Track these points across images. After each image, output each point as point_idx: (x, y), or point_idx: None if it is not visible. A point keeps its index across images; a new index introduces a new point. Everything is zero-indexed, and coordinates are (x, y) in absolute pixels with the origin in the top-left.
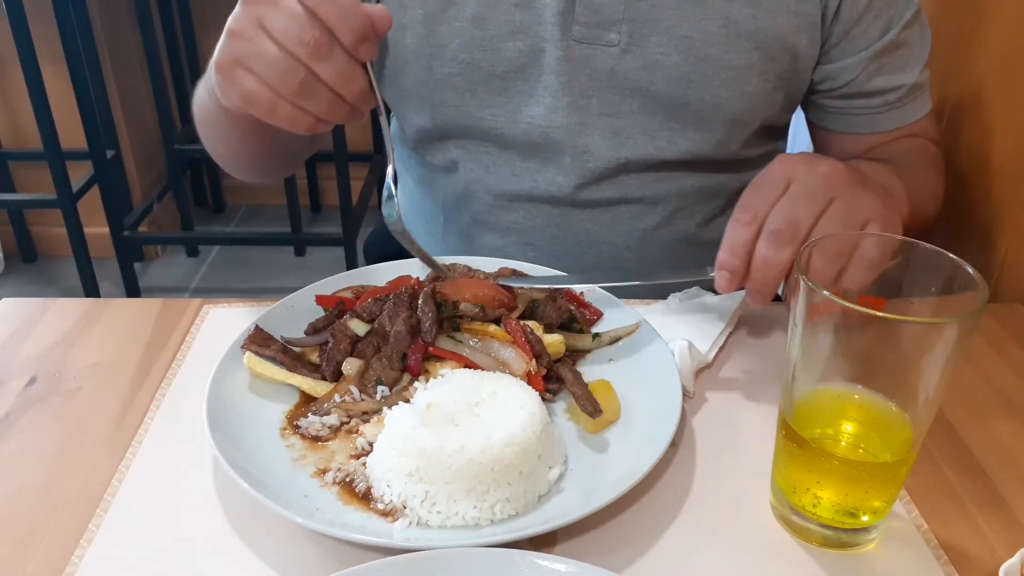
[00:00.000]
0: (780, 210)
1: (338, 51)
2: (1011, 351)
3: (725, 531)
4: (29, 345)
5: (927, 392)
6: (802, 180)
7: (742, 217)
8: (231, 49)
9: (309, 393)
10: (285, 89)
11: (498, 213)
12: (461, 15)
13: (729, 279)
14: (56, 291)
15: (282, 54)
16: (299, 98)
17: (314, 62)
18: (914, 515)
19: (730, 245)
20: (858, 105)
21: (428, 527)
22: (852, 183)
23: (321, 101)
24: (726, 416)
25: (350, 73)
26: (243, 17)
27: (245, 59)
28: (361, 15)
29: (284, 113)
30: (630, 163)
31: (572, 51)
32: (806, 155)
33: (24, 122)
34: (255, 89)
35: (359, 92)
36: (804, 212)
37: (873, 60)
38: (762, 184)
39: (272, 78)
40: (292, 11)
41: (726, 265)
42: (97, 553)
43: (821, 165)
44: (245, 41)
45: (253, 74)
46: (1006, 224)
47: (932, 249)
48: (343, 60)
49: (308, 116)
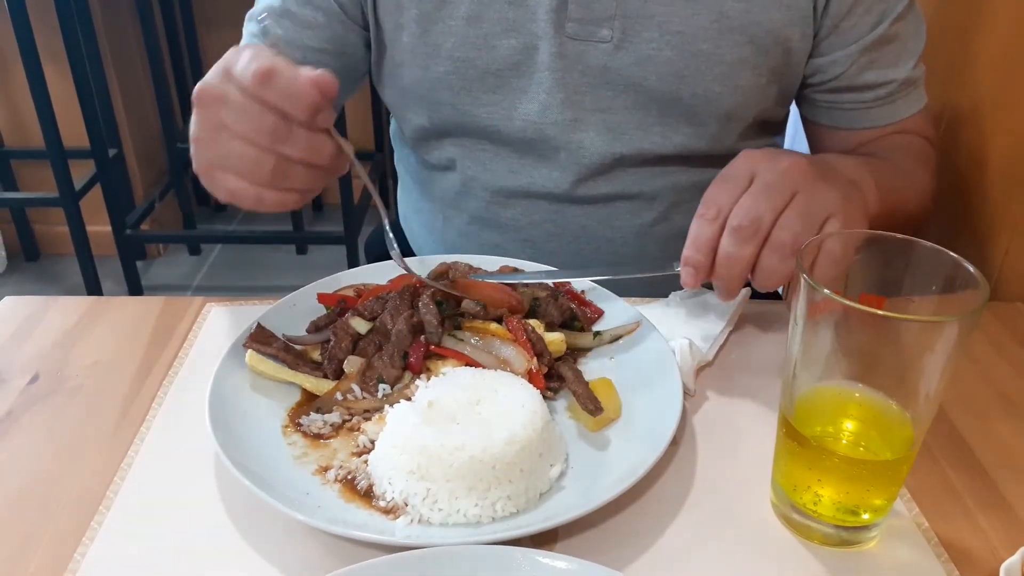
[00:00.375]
0: (742, 206)
1: (296, 128)
2: (1012, 349)
3: (726, 529)
4: (31, 343)
5: (928, 390)
6: (764, 175)
7: (706, 213)
8: (201, 156)
9: (311, 391)
10: (262, 179)
11: (496, 210)
12: (455, 14)
13: (693, 275)
14: (58, 289)
15: (247, 148)
16: (278, 182)
17: (278, 146)
18: (915, 513)
19: (694, 241)
20: (848, 99)
21: (430, 525)
22: (814, 177)
23: (299, 178)
24: (727, 414)
25: (316, 144)
26: (201, 122)
27: (217, 161)
28: (306, 91)
29: (270, 199)
30: (625, 158)
31: (565, 48)
32: (769, 150)
33: (26, 120)
34: (236, 187)
35: (331, 156)
36: (766, 207)
37: (863, 54)
38: (725, 179)
39: (247, 173)
40: (241, 105)
41: (690, 261)
42: (100, 551)
43: (783, 160)
44: (211, 144)
45: (229, 173)
46: (1006, 222)
47: (933, 248)
48: (304, 135)
49: (293, 194)
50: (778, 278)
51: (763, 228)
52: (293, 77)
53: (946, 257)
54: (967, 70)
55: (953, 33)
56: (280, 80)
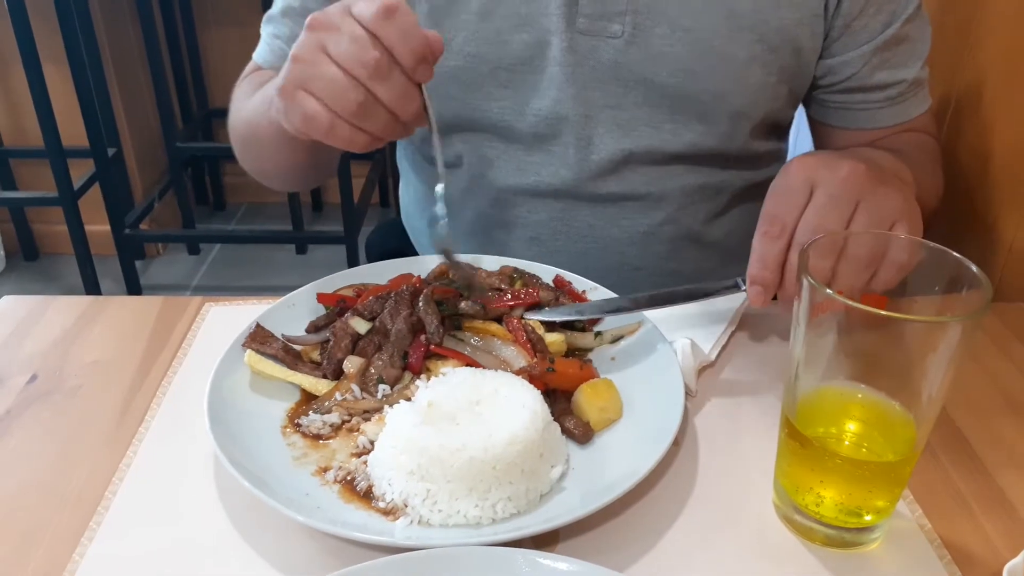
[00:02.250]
0: (809, 222)
1: (397, 72)
2: (1015, 350)
3: (728, 530)
4: (30, 343)
5: (931, 391)
6: (825, 185)
7: (771, 231)
8: (293, 73)
9: (310, 391)
10: (344, 110)
11: (502, 208)
12: (467, 8)
13: (762, 293)
14: (57, 289)
15: (342, 75)
16: (357, 118)
17: (374, 83)
18: (917, 514)
19: (761, 259)
20: (859, 100)
21: (429, 526)
22: (874, 182)
23: (378, 121)
24: (729, 415)
25: (408, 94)
26: (306, 42)
27: (306, 82)
28: (420, 37)
29: (342, 133)
30: (634, 155)
31: (576, 43)
32: (823, 155)
33: (26, 120)
34: (315, 110)
35: (415, 112)
36: (833, 220)
37: (875, 54)
38: (785, 192)
39: (332, 99)
40: (354, 34)
41: (758, 280)
42: (98, 551)
43: (841, 167)
44: (307, 65)
45: (314, 96)
46: (1009, 222)
47: (936, 248)
48: (401, 81)
49: (364, 135)
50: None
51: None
52: (415, 22)
53: (949, 257)
54: (969, 71)
55: (955, 33)
56: (401, 19)
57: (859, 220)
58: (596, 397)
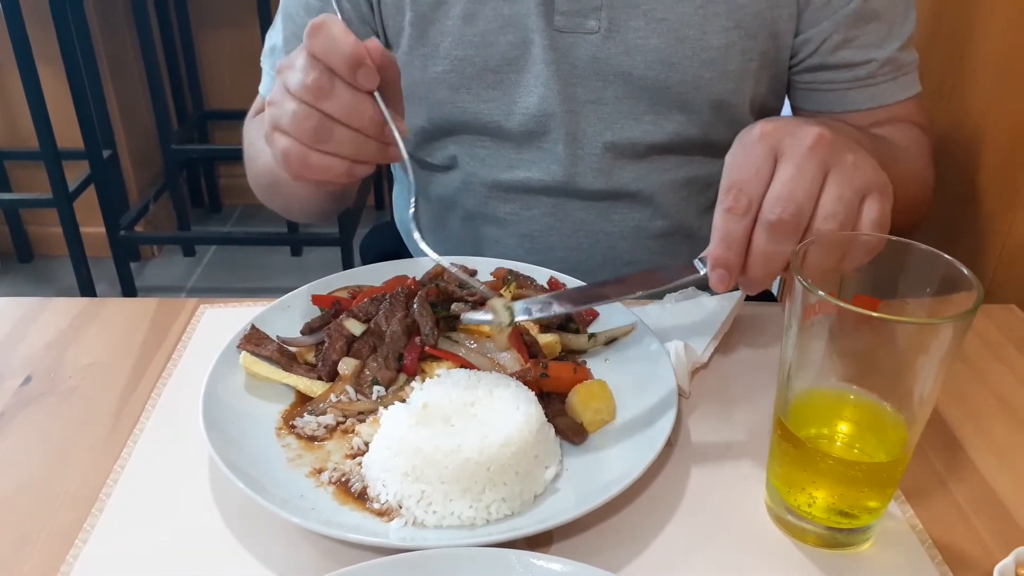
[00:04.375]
0: (779, 196)
1: (340, 86)
2: (1005, 351)
3: (720, 531)
4: (25, 344)
5: (922, 392)
6: (791, 155)
7: (736, 206)
8: (268, 118)
9: (305, 393)
10: (305, 137)
11: (494, 205)
12: (452, 13)
13: (727, 277)
14: (52, 291)
15: (296, 105)
16: (320, 143)
17: (320, 102)
18: (909, 515)
19: (725, 238)
20: (825, 80)
21: (424, 527)
22: (842, 149)
23: (343, 142)
24: (721, 416)
25: (357, 105)
26: (275, 86)
27: (277, 122)
28: (349, 42)
29: (315, 162)
30: (617, 147)
31: (556, 41)
32: (785, 121)
33: (20, 121)
34: (286, 146)
35: (371, 123)
36: (803, 195)
37: (837, 30)
38: (747, 162)
39: (294, 130)
40: (300, 64)
41: (721, 262)
42: (92, 553)
43: (806, 134)
44: (275, 106)
45: (284, 133)
46: (1001, 224)
47: (927, 249)
48: (347, 93)
49: (339, 160)
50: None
51: (805, 220)
52: (341, 30)
53: (940, 259)
54: (963, 74)
55: (948, 37)
56: (326, 31)
57: (831, 191)
58: (590, 398)
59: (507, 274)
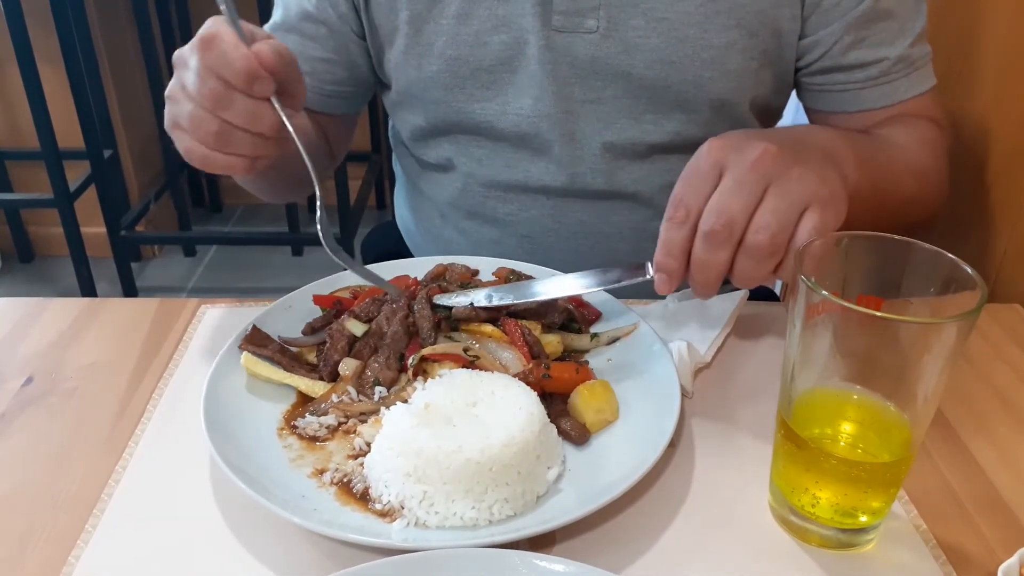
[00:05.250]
0: (713, 208)
1: (237, 96)
2: (1009, 351)
3: (723, 531)
4: (26, 345)
5: (926, 392)
6: (733, 169)
7: (676, 216)
8: (168, 112)
9: (306, 393)
10: (206, 140)
11: (493, 205)
12: (446, 12)
13: (667, 281)
14: (53, 291)
15: (196, 109)
16: (221, 145)
17: (219, 111)
18: (913, 515)
19: (665, 245)
20: (839, 81)
21: (426, 527)
22: (787, 163)
23: (243, 143)
24: (724, 416)
25: (256, 112)
26: (173, 82)
27: (176, 120)
28: (240, 57)
29: (217, 161)
30: (616, 147)
31: (553, 40)
32: (736, 136)
33: (21, 121)
34: (188, 145)
35: (271, 127)
36: (738, 207)
37: (848, 32)
38: (693, 176)
39: (195, 132)
40: (194, 68)
41: (663, 267)
42: (94, 554)
43: (752, 149)
44: (173, 103)
45: (184, 131)
46: (1005, 224)
47: (930, 249)
48: (244, 103)
49: (240, 159)
50: (756, 281)
51: (736, 231)
52: (232, 45)
53: (944, 258)
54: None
55: (953, 35)
56: (218, 47)
57: (768, 204)
58: (592, 398)
59: (509, 274)
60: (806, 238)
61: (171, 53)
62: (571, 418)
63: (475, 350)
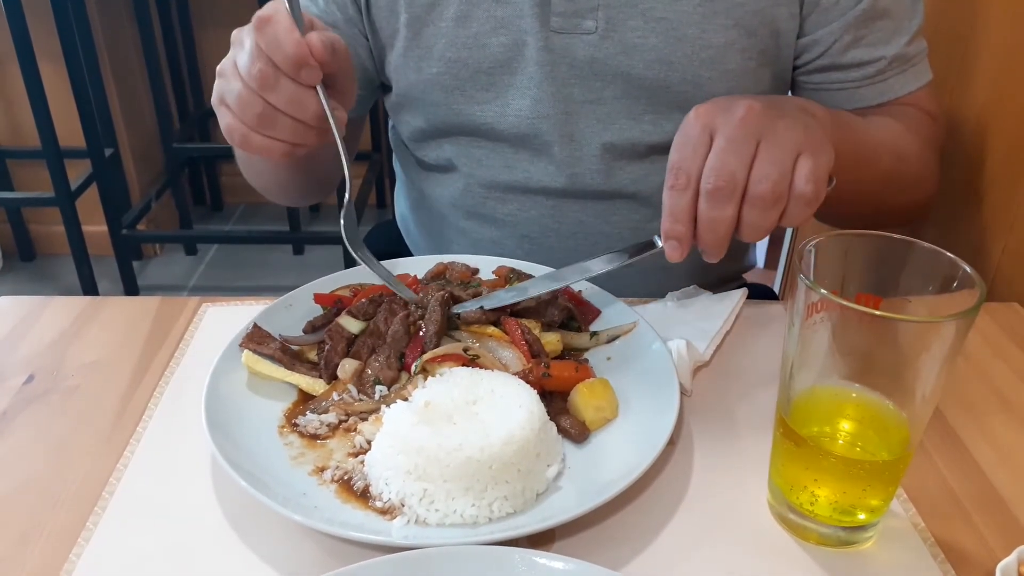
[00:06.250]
0: (712, 167)
1: (284, 80)
2: (1008, 350)
3: (722, 529)
4: (27, 343)
5: (924, 390)
6: (723, 130)
7: (676, 183)
8: (216, 89)
9: (307, 391)
10: (249, 120)
11: (493, 205)
12: (445, 15)
13: (678, 247)
14: (54, 289)
15: (242, 88)
16: (262, 127)
17: (264, 92)
18: (911, 513)
19: (672, 213)
20: (835, 79)
21: (426, 525)
22: (772, 117)
23: (284, 129)
24: (724, 414)
25: (300, 99)
26: (227, 58)
27: (223, 96)
28: (292, 42)
29: (256, 143)
30: (616, 148)
31: (551, 42)
32: (719, 101)
33: (22, 120)
34: (230, 123)
35: (314, 116)
36: (736, 163)
37: (846, 31)
38: (685, 142)
39: (239, 111)
40: (248, 48)
41: (672, 234)
42: (95, 551)
43: (737, 109)
44: (223, 80)
45: (229, 109)
46: (1003, 222)
47: (929, 248)
48: (290, 88)
49: (279, 143)
50: (764, 231)
51: (739, 184)
52: (286, 29)
53: (943, 257)
54: (965, 72)
55: (951, 35)
56: (272, 29)
57: (763, 155)
58: (592, 397)
59: (509, 272)
60: (804, 182)
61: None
62: (571, 416)
63: (475, 349)
